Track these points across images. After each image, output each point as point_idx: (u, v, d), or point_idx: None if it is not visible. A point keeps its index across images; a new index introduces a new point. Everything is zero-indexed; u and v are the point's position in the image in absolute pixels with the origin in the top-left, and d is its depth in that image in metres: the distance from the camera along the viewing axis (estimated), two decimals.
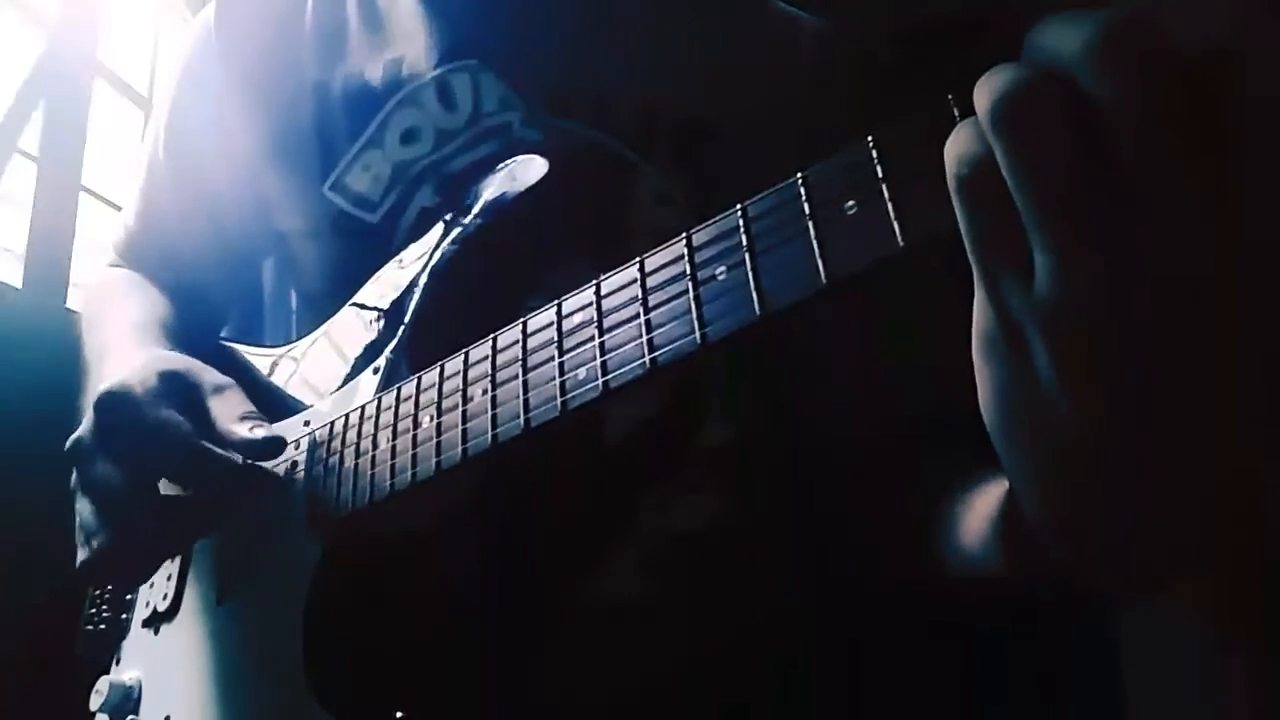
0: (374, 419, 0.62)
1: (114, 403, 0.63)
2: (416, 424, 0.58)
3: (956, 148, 0.31)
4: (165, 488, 0.65)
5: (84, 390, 0.72)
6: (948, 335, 0.38)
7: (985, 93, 0.29)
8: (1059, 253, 0.28)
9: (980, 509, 0.48)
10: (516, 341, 0.53)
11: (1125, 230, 0.27)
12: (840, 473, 0.68)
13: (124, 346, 0.75)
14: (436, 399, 0.58)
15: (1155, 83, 0.26)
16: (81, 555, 0.65)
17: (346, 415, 0.64)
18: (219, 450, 0.62)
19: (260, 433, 0.64)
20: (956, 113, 0.33)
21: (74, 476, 0.66)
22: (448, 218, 0.68)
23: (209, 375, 0.67)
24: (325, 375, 0.71)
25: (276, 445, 0.65)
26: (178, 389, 0.65)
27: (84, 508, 0.65)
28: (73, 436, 0.66)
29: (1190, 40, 0.26)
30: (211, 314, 0.89)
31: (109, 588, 0.80)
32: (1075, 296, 0.28)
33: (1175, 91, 0.26)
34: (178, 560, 0.73)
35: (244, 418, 0.65)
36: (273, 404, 0.73)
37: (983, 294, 0.32)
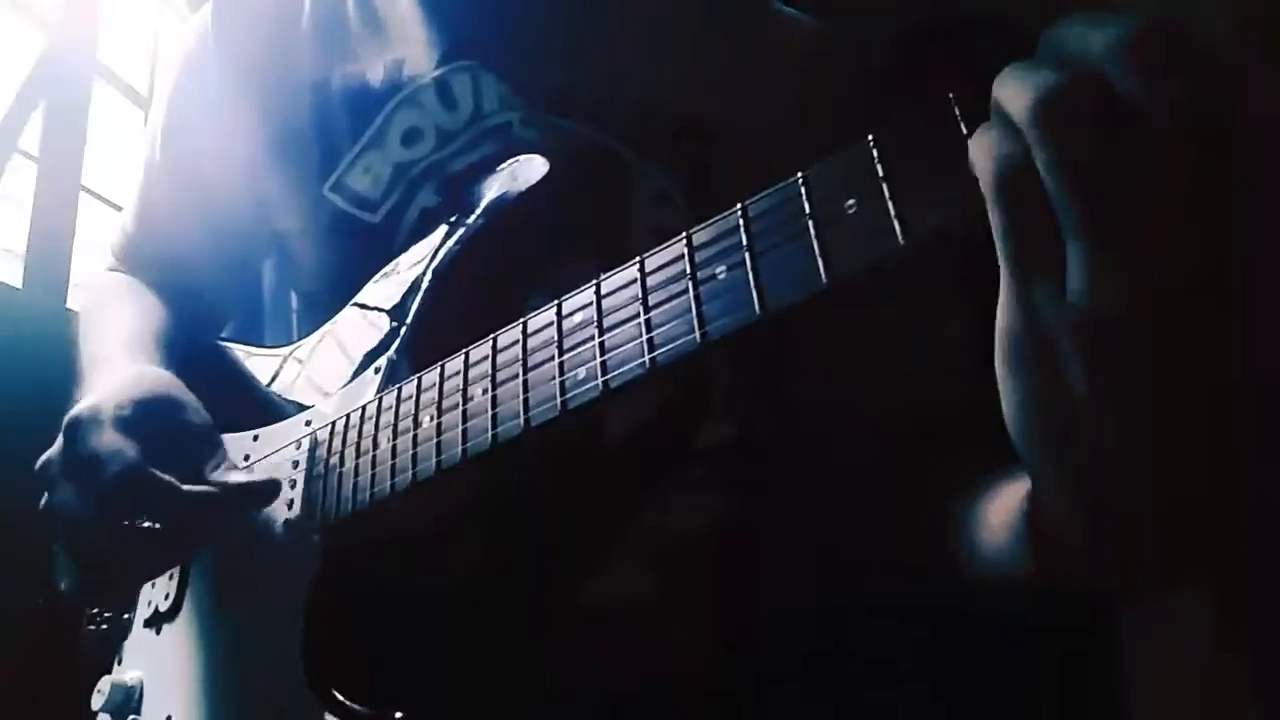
0: (374, 419, 0.62)
1: (80, 426, 0.62)
2: (417, 424, 0.58)
3: (991, 148, 0.30)
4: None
5: (77, 400, 0.72)
6: (950, 335, 0.38)
7: (1021, 92, 0.29)
8: (1097, 254, 0.28)
9: (1000, 509, 0.47)
10: (517, 341, 0.53)
11: (1158, 232, 0.27)
12: (848, 470, 0.68)
13: (113, 359, 0.74)
14: (437, 399, 0.58)
15: (1190, 82, 0.26)
16: (62, 579, 0.65)
17: (347, 415, 0.64)
18: (175, 483, 0.60)
19: (256, 477, 0.64)
20: (957, 112, 0.33)
21: (44, 498, 0.65)
22: (451, 219, 0.68)
23: (190, 415, 0.66)
24: (331, 375, 0.71)
25: (274, 488, 0.65)
26: (150, 419, 0.63)
27: (58, 531, 0.64)
28: (43, 457, 0.65)
29: (1210, 46, 0.27)
30: (211, 315, 0.89)
31: None
32: (1110, 301, 0.28)
33: (1207, 91, 0.26)
34: None
35: (229, 468, 0.64)
36: (266, 409, 0.73)
37: (1012, 301, 0.31)
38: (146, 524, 0.61)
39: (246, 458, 0.70)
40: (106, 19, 2.08)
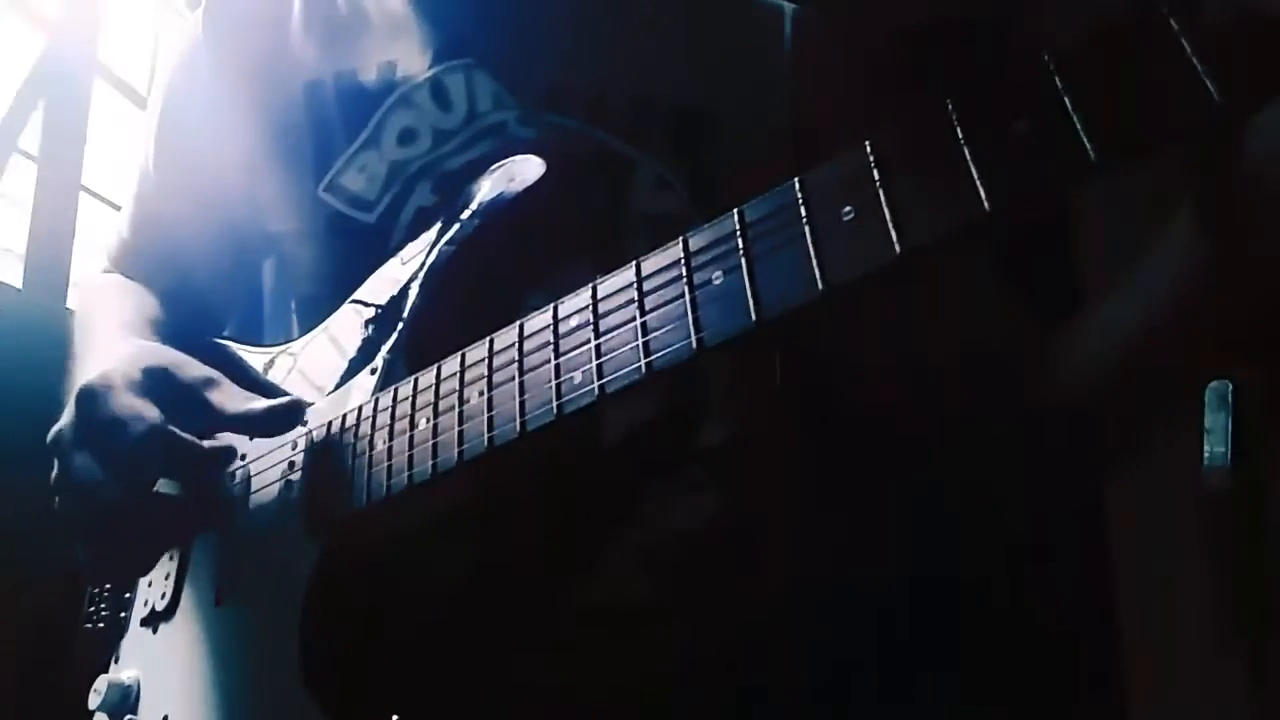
0: (371, 420, 0.62)
1: (93, 395, 0.62)
2: (413, 425, 0.58)
3: None
4: (160, 485, 0.65)
5: (68, 388, 0.72)
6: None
7: None
8: None
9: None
10: (513, 344, 0.53)
11: None
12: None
13: (109, 342, 0.74)
14: (433, 401, 0.58)
15: None
16: (81, 554, 0.65)
17: (344, 416, 0.64)
18: (196, 440, 0.62)
19: (279, 401, 0.64)
20: (955, 119, 0.33)
21: (54, 470, 0.65)
22: (445, 218, 0.68)
23: (197, 369, 0.67)
24: (323, 370, 0.70)
25: (298, 409, 0.65)
26: (161, 383, 0.64)
27: (67, 502, 0.65)
28: (53, 429, 0.65)
29: None
30: (209, 317, 0.89)
31: (108, 587, 0.80)
32: None
33: None
34: (176, 559, 0.73)
35: (249, 399, 0.65)
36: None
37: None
38: (166, 489, 0.62)
39: (243, 456, 0.70)
40: (106, 19, 2.08)
